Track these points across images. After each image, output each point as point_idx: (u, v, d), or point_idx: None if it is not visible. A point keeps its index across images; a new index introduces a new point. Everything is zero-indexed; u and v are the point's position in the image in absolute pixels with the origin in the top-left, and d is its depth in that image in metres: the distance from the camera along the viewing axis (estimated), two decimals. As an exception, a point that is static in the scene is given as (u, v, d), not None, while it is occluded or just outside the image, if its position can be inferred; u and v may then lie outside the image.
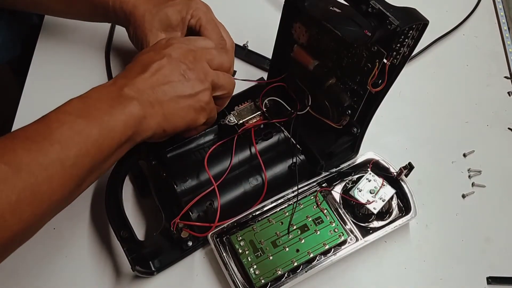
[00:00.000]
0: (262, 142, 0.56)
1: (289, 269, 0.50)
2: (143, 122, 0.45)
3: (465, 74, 0.69)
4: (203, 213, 0.51)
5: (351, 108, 0.53)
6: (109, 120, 0.43)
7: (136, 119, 0.44)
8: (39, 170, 0.38)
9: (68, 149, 0.40)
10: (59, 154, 0.39)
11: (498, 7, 0.75)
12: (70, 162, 0.40)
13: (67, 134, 0.40)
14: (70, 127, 0.41)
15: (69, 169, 0.40)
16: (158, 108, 0.46)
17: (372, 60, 0.48)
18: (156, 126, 0.46)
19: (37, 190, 0.38)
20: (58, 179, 0.39)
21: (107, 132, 0.42)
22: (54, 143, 0.39)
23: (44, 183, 0.38)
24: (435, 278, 0.54)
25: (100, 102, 0.43)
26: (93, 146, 0.41)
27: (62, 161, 0.39)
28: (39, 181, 0.38)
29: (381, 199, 0.52)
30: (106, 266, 0.52)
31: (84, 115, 0.42)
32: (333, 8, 0.49)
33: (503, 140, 0.63)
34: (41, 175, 0.38)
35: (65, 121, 0.41)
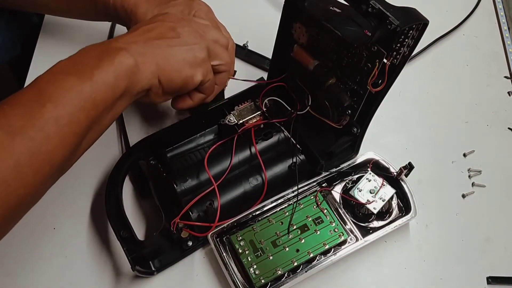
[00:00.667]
0: (262, 142, 0.56)
1: (289, 269, 0.50)
2: (136, 72, 0.44)
3: (465, 74, 0.69)
4: (203, 213, 0.51)
5: (351, 108, 0.53)
6: (99, 73, 0.41)
7: (127, 68, 0.43)
8: (35, 131, 0.38)
9: (61, 107, 0.39)
10: (52, 113, 0.38)
11: (498, 7, 0.75)
12: (65, 120, 0.39)
13: (58, 93, 0.39)
14: (60, 85, 0.40)
15: (65, 127, 0.39)
16: (151, 56, 0.44)
17: (372, 60, 0.48)
18: (151, 76, 0.45)
19: (36, 152, 0.38)
20: (55, 138, 0.39)
21: (99, 85, 0.41)
22: (46, 103, 0.39)
23: (42, 144, 0.38)
24: (435, 278, 0.54)
25: (88, 58, 0.42)
26: (87, 101, 0.40)
27: (57, 119, 0.39)
28: (37, 142, 0.38)
29: (381, 199, 0.52)
30: (106, 266, 0.52)
31: (73, 72, 0.41)
32: (333, 8, 0.49)
33: (503, 140, 0.63)
34: (37, 137, 0.38)
35: (54, 80, 0.40)
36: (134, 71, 0.43)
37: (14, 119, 0.38)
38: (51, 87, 0.40)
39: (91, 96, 0.41)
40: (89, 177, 0.57)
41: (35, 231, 0.54)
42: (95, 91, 0.41)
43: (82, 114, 0.40)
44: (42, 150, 0.38)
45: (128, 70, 0.43)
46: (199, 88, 0.50)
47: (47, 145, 0.38)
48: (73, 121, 0.40)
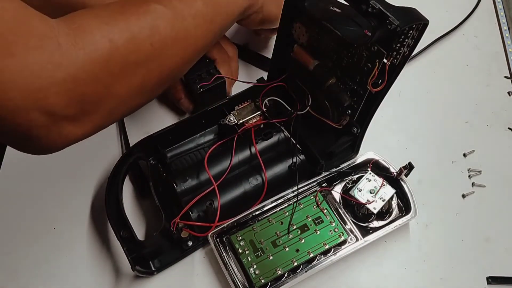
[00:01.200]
0: (262, 142, 0.56)
1: (289, 269, 0.50)
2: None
3: (465, 74, 0.69)
4: (203, 213, 0.51)
5: (351, 108, 0.53)
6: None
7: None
8: (189, 17, 0.44)
9: (208, 6, 0.46)
10: (202, 9, 0.45)
11: (498, 7, 0.75)
12: (209, 18, 0.46)
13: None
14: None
15: (208, 23, 0.46)
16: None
17: (372, 60, 0.48)
18: (257, 7, 0.53)
19: (188, 33, 0.44)
20: (201, 29, 0.46)
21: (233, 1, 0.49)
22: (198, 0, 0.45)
23: (193, 28, 0.44)
24: (435, 278, 0.54)
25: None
26: (223, 8, 0.48)
27: (204, 15, 0.45)
28: (189, 26, 0.44)
29: (381, 199, 0.52)
30: (106, 266, 0.52)
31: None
32: (333, 8, 0.49)
33: (503, 140, 0.63)
34: (191, 22, 0.44)
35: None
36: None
37: (175, 1, 0.43)
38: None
39: (226, 7, 0.48)
40: (89, 177, 0.57)
41: (35, 231, 0.54)
42: (228, 4, 0.49)
43: (219, 18, 0.48)
44: (191, 33, 0.45)
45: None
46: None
47: (196, 31, 0.45)
48: (213, 21, 0.47)
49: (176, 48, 0.43)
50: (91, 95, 0.37)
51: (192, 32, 0.45)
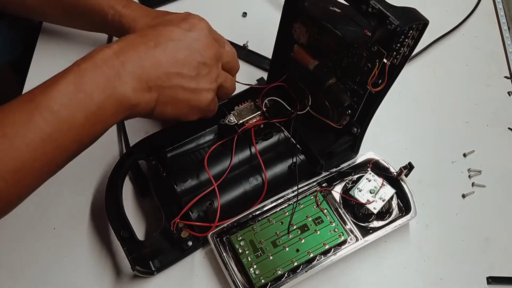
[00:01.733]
0: (262, 142, 0.56)
1: (289, 269, 0.50)
2: (133, 110, 0.43)
3: (465, 74, 0.69)
4: (203, 213, 0.51)
5: (351, 108, 0.53)
6: (100, 109, 0.41)
7: (128, 107, 0.43)
8: (24, 145, 0.38)
9: (54, 123, 0.39)
10: (46, 129, 0.39)
11: (498, 7, 0.75)
12: (58, 138, 0.39)
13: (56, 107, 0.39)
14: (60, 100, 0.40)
15: (57, 143, 0.40)
16: (155, 93, 0.44)
17: (372, 60, 0.48)
18: (145, 112, 0.45)
19: (25, 164, 0.38)
20: (48, 154, 0.39)
21: (95, 117, 0.41)
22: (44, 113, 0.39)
23: (31, 159, 0.39)
24: (435, 278, 0.54)
25: (95, 85, 0.41)
26: (77, 127, 0.40)
27: (50, 136, 0.39)
28: (26, 156, 0.38)
29: (381, 199, 0.52)
30: (106, 266, 0.52)
31: (78, 89, 0.40)
32: (333, 8, 0.49)
33: (503, 140, 0.63)
34: (27, 151, 0.38)
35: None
36: (133, 109, 0.43)
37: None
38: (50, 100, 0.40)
39: (84, 126, 0.41)
40: (89, 177, 0.57)
41: (35, 231, 0.54)
42: (88, 122, 0.41)
43: (74, 133, 0.41)
44: (30, 163, 0.39)
45: (128, 108, 0.43)
46: None
47: (40, 157, 0.39)
48: (63, 140, 0.40)
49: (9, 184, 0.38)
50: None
51: (31, 162, 0.38)
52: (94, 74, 0.41)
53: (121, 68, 0.42)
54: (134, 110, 0.43)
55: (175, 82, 0.45)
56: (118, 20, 0.55)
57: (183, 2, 0.71)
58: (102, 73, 0.41)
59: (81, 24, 0.62)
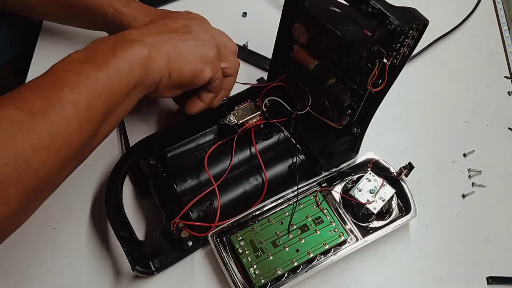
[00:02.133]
0: (262, 142, 0.56)
1: (289, 269, 0.50)
2: (148, 63, 0.44)
3: (465, 74, 0.69)
4: (203, 213, 0.51)
5: (351, 108, 0.53)
6: (114, 61, 0.42)
7: (141, 58, 0.44)
8: (54, 113, 0.38)
9: (79, 92, 0.40)
10: (71, 97, 0.39)
11: (498, 7, 0.75)
12: (83, 105, 0.40)
13: (75, 79, 0.40)
14: (77, 72, 0.41)
15: (84, 111, 0.40)
16: (163, 49, 0.46)
17: (372, 60, 0.48)
18: (163, 67, 0.46)
19: (56, 134, 0.38)
20: (74, 122, 0.39)
21: (115, 73, 0.42)
22: (63, 88, 0.39)
23: (62, 126, 0.38)
24: (435, 278, 0.54)
25: (102, 48, 0.43)
26: (104, 88, 0.41)
27: (76, 103, 0.39)
28: (56, 125, 0.38)
29: (381, 199, 0.52)
30: (106, 266, 0.52)
31: (88, 60, 0.42)
32: (333, 8, 0.49)
33: (503, 140, 0.63)
34: (57, 119, 0.38)
35: (71, 68, 0.41)
36: (147, 61, 0.44)
37: (33, 101, 0.38)
38: (68, 74, 0.40)
39: (107, 84, 0.41)
40: (89, 177, 0.57)
41: (35, 231, 0.54)
42: (110, 79, 0.42)
43: (99, 101, 0.41)
44: (61, 132, 0.38)
45: (141, 60, 0.44)
46: (207, 87, 0.51)
47: (67, 128, 0.39)
48: (91, 107, 0.40)
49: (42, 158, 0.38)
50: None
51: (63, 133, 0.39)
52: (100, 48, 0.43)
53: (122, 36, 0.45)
54: (148, 64, 0.44)
55: (176, 37, 0.47)
56: (118, 18, 0.55)
57: (183, 2, 0.71)
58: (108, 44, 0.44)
59: (81, 23, 0.62)
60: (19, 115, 0.37)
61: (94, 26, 0.61)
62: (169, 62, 0.46)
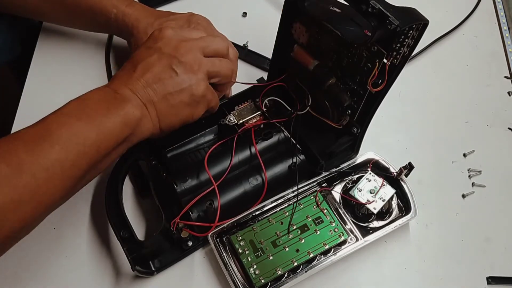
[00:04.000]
0: (262, 142, 0.56)
1: (289, 269, 0.50)
2: (139, 124, 0.45)
3: (465, 74, 0.69)
4: (203, 213, 0.51)
5: (351, 108, 0.53)
6: (107, 122, 0.43)
7: (132, 121, 0.45)
8: (40, 171, 0.39)
9: (68, 151, 0.40)
10: (59, 155, 0.40)
11: (498, 7, 0.75)
12: (69, 164, 0.41)
13: (66, 136, 0.41)
14: (69, 128, 0.41)
15: (68, 170, 0.41)
16: (151, 108, 0.46)
17: (372, 60, 0.48)
18: (153, 127, 0.47)
19: (37, 191, 0.39)
20: (57, 180, 0.40)
21: (105, 134, 0.43)
22: (54, 145, 0.40)
23: (44, 184, 0.39)
24: (435, 278, 0.54)
25: (97, 104, 0.44)
26: (91, 147, 0.42)
27: (62, 162, 0.40)
28: (40, 182, 0.39)
29: (381, 199, 0.52)
30: (106, 266, 0.52)
31: (82, 117, 0.42)
32: (333, 8, 0.49)
33: (503, 140, 0.63)
34: (41, 176, 0.39)
35: (64, 122, 0.41)
36: (138, 123, 0.45)
37: (23, 155, 0.39)
38: (61, 129, 0.41)
39: (96, 143, 0.42)
40: (89, 177, 0.57)
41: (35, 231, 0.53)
42: (100, 139, 0.42)
43: (85, 159, 0.42)
44: (43, 189, 0.39)
45: (133, 122, 0.45)
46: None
47: (48, 185, 0.40)
48: (76, 165, 0.41)
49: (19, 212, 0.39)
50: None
51: (44, 188, 0.39)
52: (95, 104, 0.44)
53: (115, 94, 0.45)
54: (139, 125, 0.45)
55: (162, 92, 0.47)
56: (122, 19, 0.55)
57: (183, 2, 0.71)
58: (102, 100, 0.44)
59: (83, 24, 0.62)
60: (5, 170, 0.38)
61: (96, 27, 0.61)
62: (159, 120, 0.47)
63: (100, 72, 0.64)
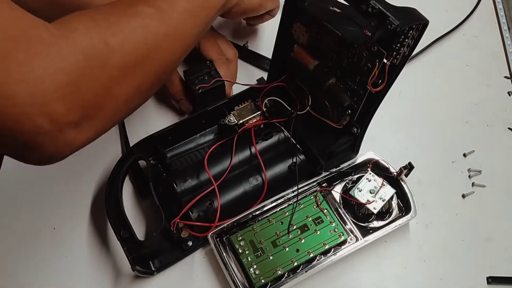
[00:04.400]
0: (262, 142, 0.56)
1: (289, 269, 0.50)
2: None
3: (465, 74, 0.69)
4: (203, 213, 0.51)
5: (351, 108, 0.53)
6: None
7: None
8: (176, 14, 0.44)
9: (190, 2, 0.45)
10: (185, 5, 0.45)
11: (498, 7, 0.75)
12: (194, 13, 0.46)
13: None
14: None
15: (193, 18, 0.46)
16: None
17: (372, 60, 0.48)
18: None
19: (177, 30, 0.44)
20: (188, 24, 0.45)
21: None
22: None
23: (181, 24, 0.44)
24: (435, 278, 0.54)
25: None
26: (206, 3, 0.47)
27: (189, 11, 0.45)
28: (177, 23, 0.44)
29: (381, 199, 0.52)
30: (106, 266, 0.52)
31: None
32: (333, 8, 0.49)
33: (503, 140, 0.63)
34: (177, 19, 0.44)
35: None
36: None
37: (160, 2, 0.43)
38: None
39: (207, 2, 0.48)
40: (89, 177, 0.57)
41: (35, 231, 0.54)
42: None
43: (202, 12, 0.47)
44: (180, 29, 0.44)
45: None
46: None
47: (183, 28, 0.45)
48: (198, 16, 0.47)
49: (167, 45, 0.43)
50: (92, 99, 0.37)
51: (181, 28, 0.45)
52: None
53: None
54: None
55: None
56: None
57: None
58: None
59: None
60: (149, 10, 0.42)
61: None
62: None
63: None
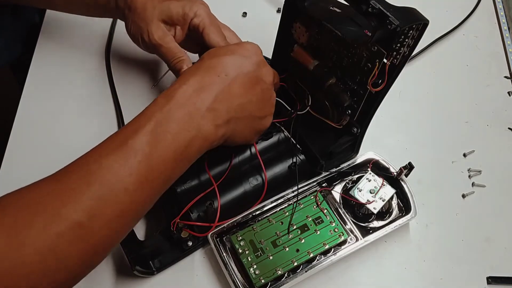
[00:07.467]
0: (262, 142, 0.56)
1: (289, 269, 0.50)
2: (213, 143, 0.45)
3: (465, 74, 0.69)
4: (203, 213, 0.51)
5: (351, 108, 0.53)
6: (189, 154, 0.43)
7: (206, 146, 0.44)
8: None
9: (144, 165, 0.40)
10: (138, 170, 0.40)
11: (498, 7, 0.75)
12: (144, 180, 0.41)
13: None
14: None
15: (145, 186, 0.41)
16: (231, 125, 0.46)
17: (372, 60, 0.48)
18: (218, 143, 0.46)
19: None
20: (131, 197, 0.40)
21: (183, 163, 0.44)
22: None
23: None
24: (435, 278, 0.54)
25: (181, 117, 0.42)
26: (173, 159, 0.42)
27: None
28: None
29: (381, 199, 0.52)
30: (106, 266, 0.52)
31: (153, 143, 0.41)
32: (333, 8, 0.49)
33: (503, 140, 0.63)
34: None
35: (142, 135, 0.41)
36: (209, 146, 0.45)
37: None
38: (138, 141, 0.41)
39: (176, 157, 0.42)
40: (89, 177, 0.57)
41: (35, 231, 0.54)
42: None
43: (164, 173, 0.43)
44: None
45: (206, 147, 0.44)
46: None
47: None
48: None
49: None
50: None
51: (128, 207, 0.40)
52: (179, 114, 0.42)
53: (202, 106, 0.43)
54: (213, 144, 0.45)
55: (247, 111, 0.47)
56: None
57: (183, 2, 0.71)
58: (186, 112, 0.42)
59: (83, 5, 0.60)
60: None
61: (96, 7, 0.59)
62: (229, 136, 0.47)
63: (100, 72, 0.64)
